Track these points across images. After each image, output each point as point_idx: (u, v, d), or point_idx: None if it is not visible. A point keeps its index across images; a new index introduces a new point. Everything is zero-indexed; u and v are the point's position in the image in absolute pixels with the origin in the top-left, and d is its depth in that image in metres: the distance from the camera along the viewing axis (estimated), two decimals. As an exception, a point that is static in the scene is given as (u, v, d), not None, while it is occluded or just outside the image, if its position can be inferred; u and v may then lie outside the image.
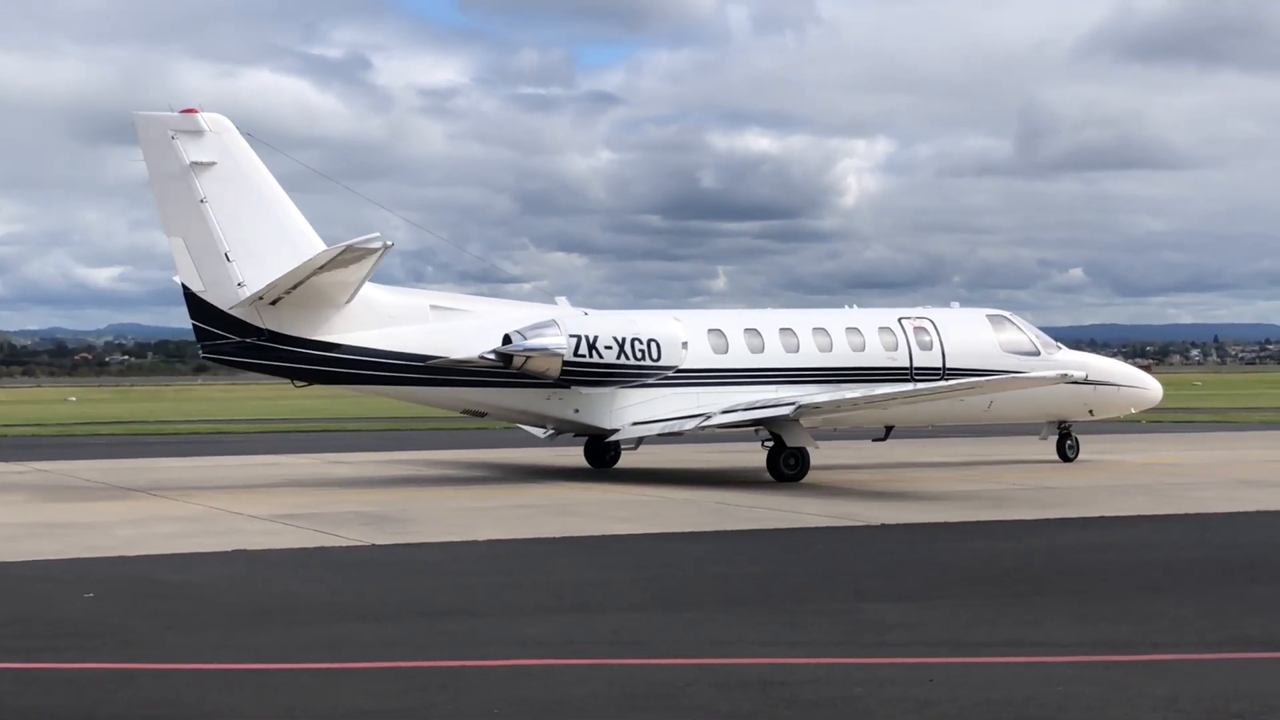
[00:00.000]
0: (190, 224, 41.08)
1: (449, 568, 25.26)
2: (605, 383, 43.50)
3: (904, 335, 46.72)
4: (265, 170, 42.25)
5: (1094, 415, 49.29)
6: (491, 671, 16.60)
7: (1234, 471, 44.42)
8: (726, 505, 35.27)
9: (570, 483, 42.30)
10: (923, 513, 33.24)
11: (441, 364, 42.78)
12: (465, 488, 40.93)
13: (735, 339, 45.30)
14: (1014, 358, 47.04)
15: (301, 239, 41.86)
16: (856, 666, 16.65)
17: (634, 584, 23.20)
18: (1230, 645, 17.62)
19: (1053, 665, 16.65)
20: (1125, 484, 40.52)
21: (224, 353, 42.11)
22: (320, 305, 41.75)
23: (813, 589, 22.37)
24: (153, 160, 41.13)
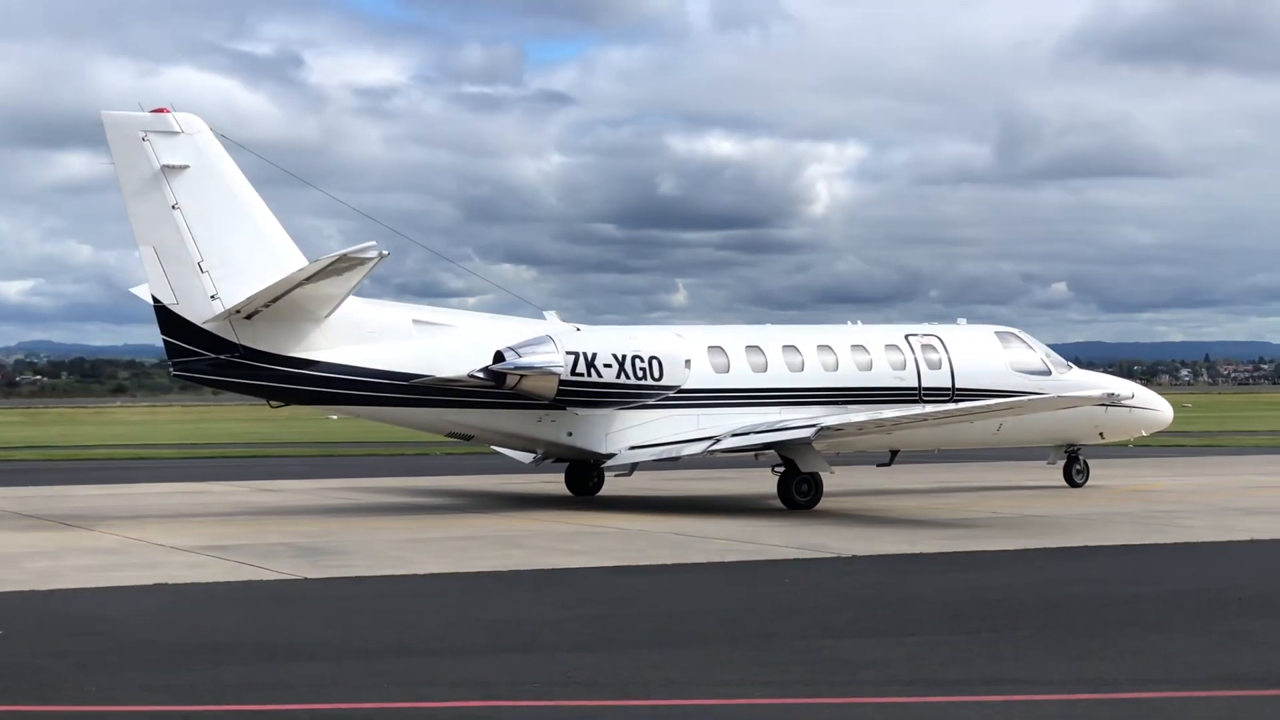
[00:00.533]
0: (161, 231, 40.73)
1: (386, 603, 25.20)
2: (603, 404, 43.26)
3: (912, 354, 46.94)
4: (240, 174, 41.95)
5: (1104, 438, 49.75)
6: (433, 714, 16.58)
7: (1226, 498, 44.72)
8: (685, 536, 35.29)
9: (527, 512, 42.27)
10: (896, 543, 33.33)
11: (427, 383, 42.58)
12: (403, 517, 40.87)
13: (737, 358, 45.27)
14: (1024, 377, 47.51)
15: (280, 248, 41.69)
16: (827, 707, 16.70)
17: (586, 621, 23.19)
18: (1221, 683, 17.74)
19: (1034, 704, 16.73)
20: (1111, 512, 40.74)
21: (196, 371, 41.75)
22: (298, 320, 41.44)
23: (779, 625, 22.41)
24: (122, 163, 40.73)
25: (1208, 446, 67.38)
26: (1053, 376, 47.92)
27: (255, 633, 22.13)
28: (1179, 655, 19.46)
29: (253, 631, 22.26)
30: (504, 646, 20.70)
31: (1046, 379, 47.63)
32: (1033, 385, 46.89)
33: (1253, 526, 36.16)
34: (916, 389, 46.53)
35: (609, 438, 43.64)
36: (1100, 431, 49.08)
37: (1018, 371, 47.74)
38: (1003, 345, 48.48)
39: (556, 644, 20.92)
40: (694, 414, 43.95)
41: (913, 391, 46.41)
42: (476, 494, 49.19)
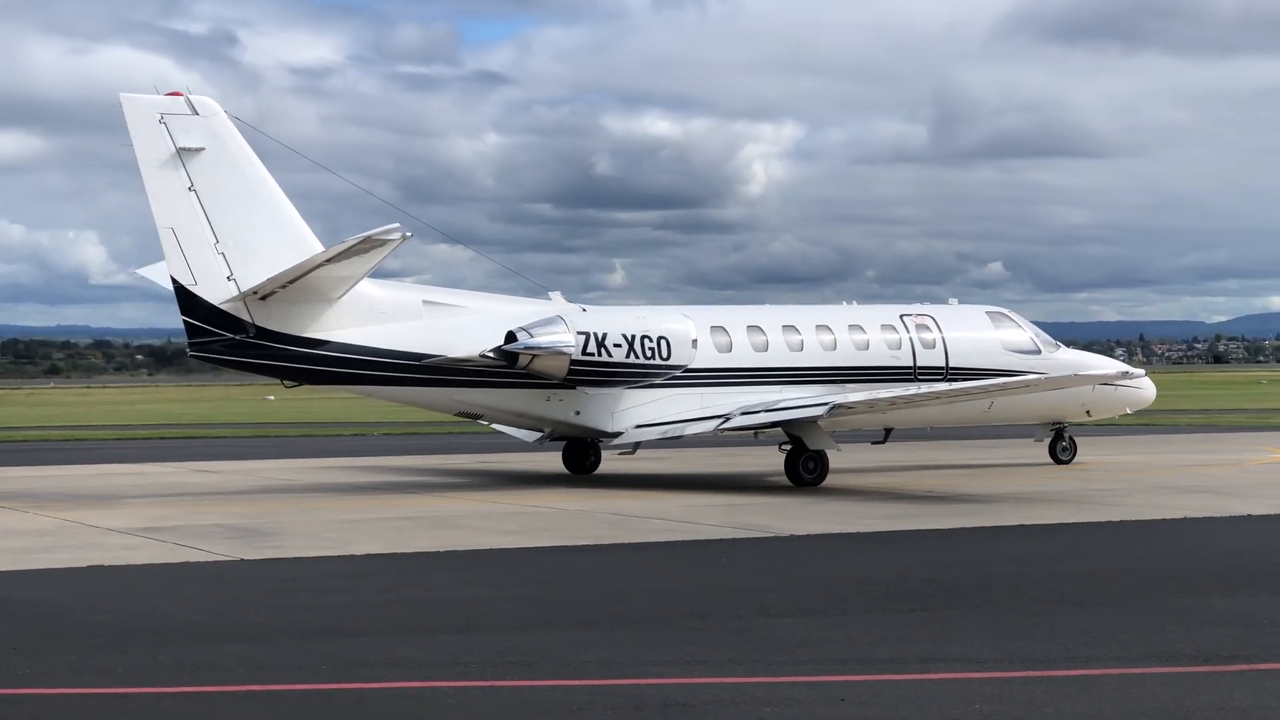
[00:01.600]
0: (179, 213, 41.15)
1: (322, 584, 25.12)
2: (611, 383, 43.82)
3: (907, 334, 47.62)
4: (254, 157, 42.32)
5: (1091, 416, 50.54)
6: (368, 695, 16.54)
7: (1160, 477, 45.03)
8: (622, 517, 35.31)
9: (454, 492, 42.22)
10: (832, 523, 33.44)
11: (439, 363, 43.00)
12: (340, 498, 40.74)
13: (739, 337, 45.85)
14: (1015, 356, 48.28)
15: (293, 229, 42.15)
16: (763, 686, 16.73)
17: (521, 601, 23.18)
18: (1154, 659, 17.86)
19: (969, 682, 16.81)
20: (1047, 490, 40.97)
21: (211, 351, 42.07)
22: (312, 300, 41.87)
23: (715, 605, 22.44)
24: (141, 145, 41.11)
25: (1142, 425, 67.79)
26: (1043, 355, 48.68)
27: (190, 614, 22.01)
28: (1112, 633, 19.58)
29: (188, 613, 22.14)
30: (439, 627, 20.67)
31: (1037, 358, 48.40)
32: (1023, 364, 47.75)
33: (1186, 504, 36.41)
34: (912, 368, 47.22)
35: (615, 416, 44.23)
36: (1087, 410, 49.83)
37: (1009, 351, 48.52)
38: (994, 325, 49.27)
39: (492, 624, 20.90)
40: (698, 393, 44.65)
41: (908, 371, 47.12)
42: (413, 475, 49.06)
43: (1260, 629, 19.78)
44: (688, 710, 15.62)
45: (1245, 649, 18.47)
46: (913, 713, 15.43)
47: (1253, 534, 31.51)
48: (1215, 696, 15.95)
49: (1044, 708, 15.55)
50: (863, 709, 15.63)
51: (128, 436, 77.34)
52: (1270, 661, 17.71)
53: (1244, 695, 16.00)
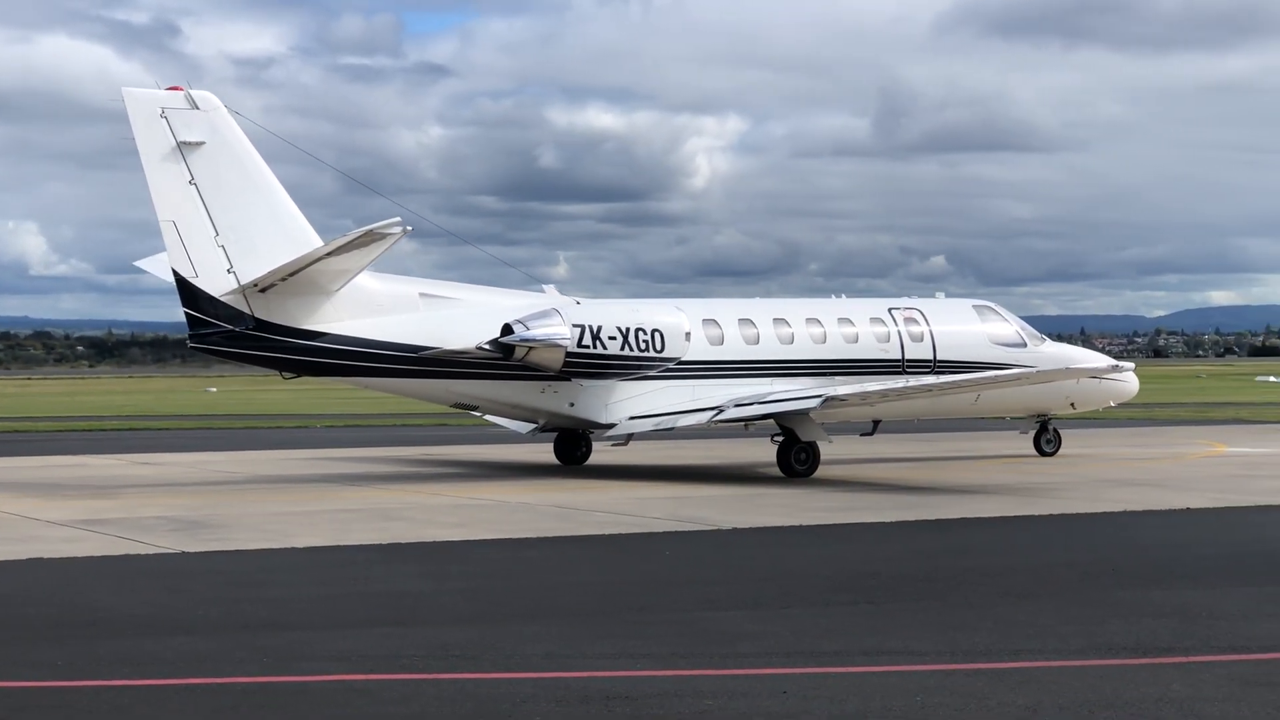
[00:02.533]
0: (180, 206, 41.64)
1: (264, 577, 25.05)
2: (606, 375, 44.33)
3: (895, 327, 48.23)
4: (254, 151, 42.78)
5: (1075, 409, 51.08)
6: (310, 688, 16.51)
7: (1100, 470, 45.30)
8: (566, 509, 35.31)
9: (394, 486, 42.14)
10: (775, 516, 33.52)
11: (435, 355, 43.47)
12: (282, 490, 40.59)
13: (730, 330, 46.33)
14: (1001, 349, 48.99)
15: (292, 223, 42.66)
16: (706, 678, 16.77)
17: (464, 594, 23.17)
18: (1093, 652, 17.99)
19: (910, 674, 16.88)
20: (987, 483, 41.15)
21: (211, 342, 42.67)
22: (311, 293, 42.35)
23: (658, 598, 22.48)
24: (143, 138, 41.60)
25: (1082, 418, 68.11)
26: (1028, 348, 49.40)
27: (132, 607, 21.93)
28: (1052, 626, 19.70)
29: (129, 606, 22.06)
30: (382, 620, 20.63)
31: (1023, 351, 49.13)
32: (1010, 357, 48.49)
33: (1125, 498, 36.65)
34: (900, 361, 47.87)
35: (609, 408, 44.70)
36: (1072, 402, 50.38)
37: (995, 344, 49.23)
38: (980, 318, 49.97)
39: (435, 617, 20.88)
40: (690, 385, 45.15)
41: (896, 363, 47.79)
42: (357, 467, 48.93)
43: (1198, 621, 19.93)
44: (631, 703, 15.64)
45: (1183, 641, 18.62)
46: (855, 705, 15.49)
47: (1191, 527, 31.73)
48: (1154, 688, 16.07)
49: (985, 700, 15.64)
50: (805, 701, 15.68)
51: (68, 428, 76.90)
52: (1208, 653, 17.85)
53: (1182, 687, 16.13)
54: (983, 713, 15.17)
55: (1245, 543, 29.07)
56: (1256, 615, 20.46)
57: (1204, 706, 15.31)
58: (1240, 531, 31.14)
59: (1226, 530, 31.33)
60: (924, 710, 15.27)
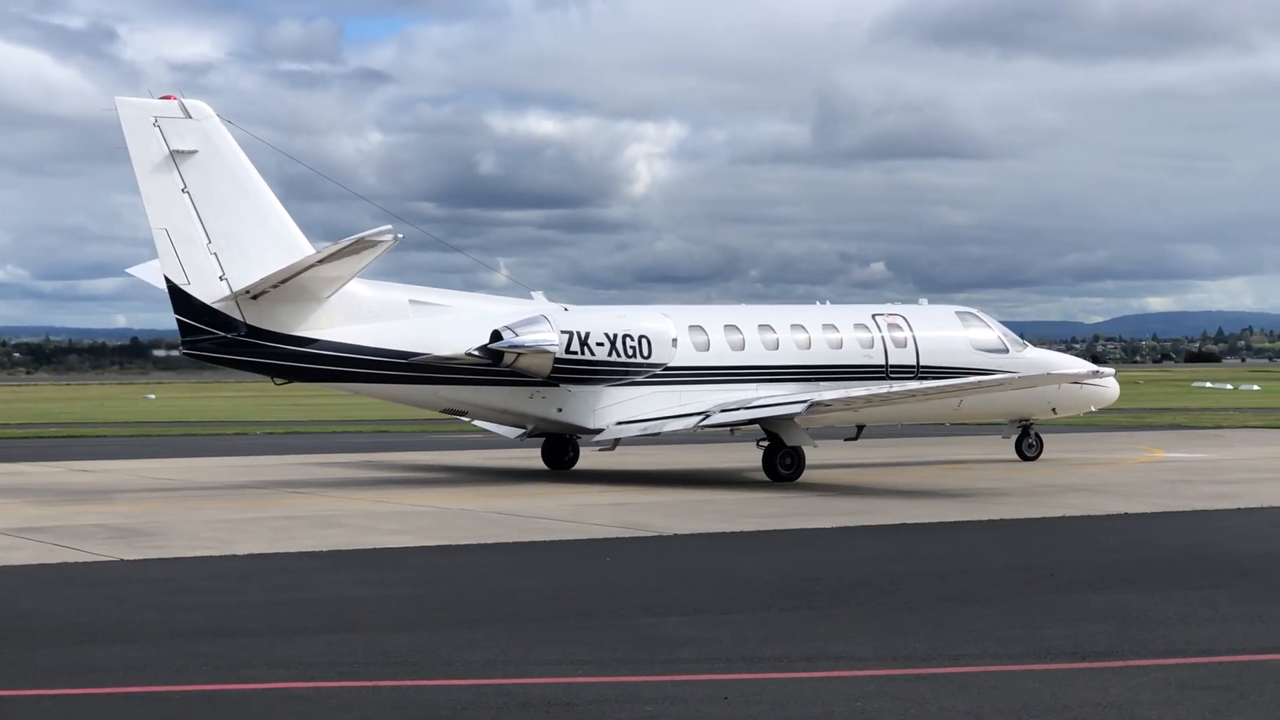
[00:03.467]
0: (173, 214, 42.03)
1: (204, 584, 24.91)
2: (593, 381, 44.71)
3: (879, 333, 48.63)
4: (247, 160, 43.21)
5: (1056, 413, 51.59)
6: (252, 696, 16.44)
7: (1039, 475, 45.50)
8: (507, 516, 35.27)
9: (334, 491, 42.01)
10: (717, 521, 33.55)
11: (425, 361, 43.85)
12: (222, 498, 40.40)
13: (716, 336, 46.79)
14: (984, 355, 49.41)
15: (284, 231, 43.14)
16: (647, 685, 16.78)
17: (405, 601, 23.11)
18: (1033, 656, 18.08)
19: (851, 680, 16.93)
20: (928, 489, 41.29)
21: (204, 349, 43.02)
22: (302, 300, 42.81)
23: (600, 604, 22.47)
24: (136, 147, 42.05)
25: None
26: (1010, 354, 49.81)
27: (69, 615, 21.78)
28: (992, 630, 19.79)
29: (66, 614, 21.90)
30: (323, 627, 20.57)
31: (1005, 356, 49.53)
32: (992, 363, 48.94)
33: (1065, 503, 36.83)
34: (884, 367, 48.25)
35: (597, 413, 45.14)
36: (1053, 408, 50.86)
37: (978, 350, 49.60)
38: (963, 324, 50.32)
39: (376, 624, 20.82)
40: (677, 390, 45.64)
41: (880, 369, 48.17)
42: (297, 474, 48.73)
43: (1136, 625, 20.06)
44: (573, 710, 15.64)
45: (1121, 645, 18.74)
46: (796, 711, 15.53)
47: (1129, 532, 31.91)
48: (1093, 692, 16.17)
49: (926, 705, 15.70)
50: (747, 707, 15.71)
51: (4, 435, 76.30)
52: (1146, 657, 17.97)
53: (1120, 690, 16.23)
54: (924, 717, 15.23)
55: (1182, 547, 29.25)
56: (1194, 619, 20.60)
57: (1142, 710, 15.41)
58: (1178, 536, 31.33)
59: (1164, 535, 31.52)
60: (865, 715, 15.32)
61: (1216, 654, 18.17)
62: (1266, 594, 22.82)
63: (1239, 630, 19.76)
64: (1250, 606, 21.55)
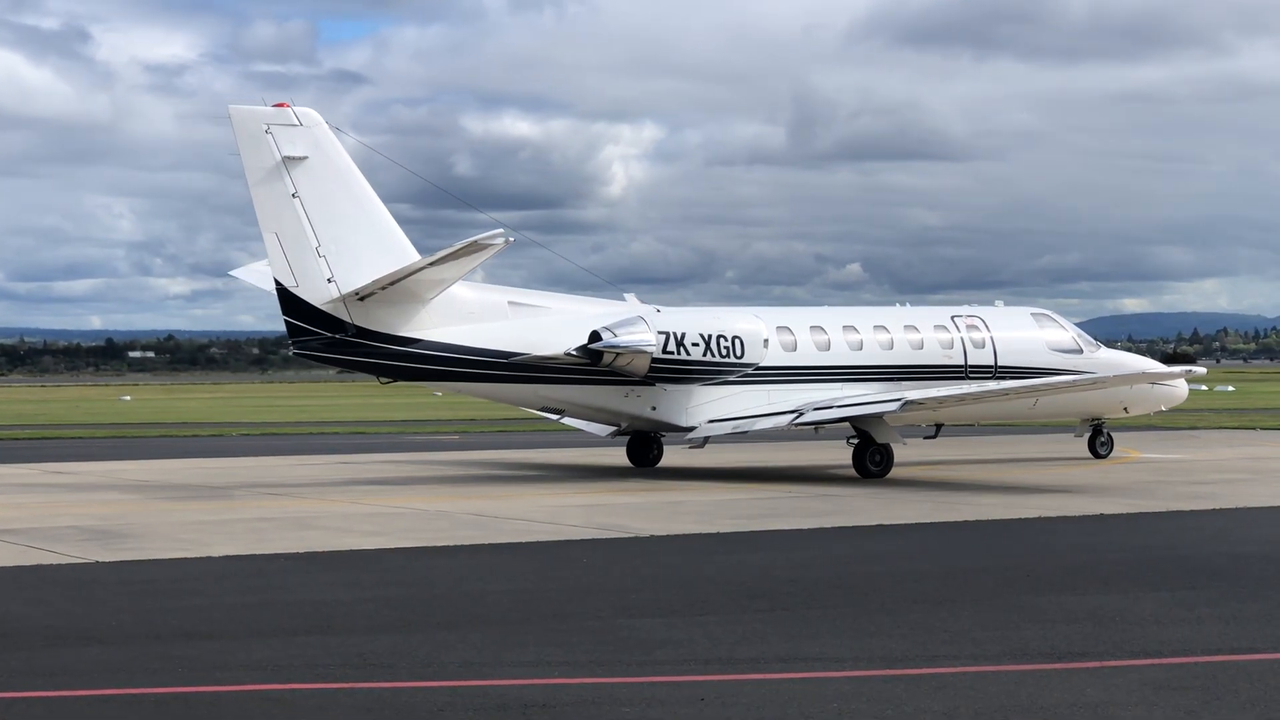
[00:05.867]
0: (283, 219, 43.34)
1: (179, 587, 24.85)
2: (688, 380, 45.85)
3: (958, 334, 49.81)
4: (353, 165, 44.49)
5: (1128, 413, 52.77)
6: (226, 698, 16.39)
7: (1015, 475, 45.59)
8: (483, 517, 35.25)
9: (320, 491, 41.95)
10: (692, 523, 33.56)
11: (525, 361, 45.05)
12: (198, 499, 40.31)
13: (803, 337, 47.91)
14: (1059, 356, 50.63)
15: (389, 234, 44.53)
16: (623, 686, 16.77)
17: (381, 603, 23.06)
18: (1009, 657, 18.10)
19: (827, 681, 16.94)
20: (905, 490, 41.35)
21: (312, 349, 44.26)
22: (407, 301, 44.08)
23: (576, 605, 22.45)
24: (248, 154, 43.40)
25: (997, 425, 68.50)
26: (1084, 355, 51.05)
27: (44, 617, 21.71)
28: (968, 631, 19.81)
29: (41, 616, 21.83)
30: (298, 629, 20.52)
31: (1079, 357, 50.80)
32: (1067, 363, 50.25)
33: (1040, 504, 36.89)
34: (963, 367, 49.46)
35: (689, 412, 46.33)
36: (1125, 407, 51.93)
37: (1053, 350, 50.87)
38: (1038, 325, 51.60)
39: (352, 626, 20.78)
40: (765, 390, 46.83)
41: (959, 369, 49.43)
42: (273, 476, 48.65)
43: (1111, 626, 20.09)
44: (549, 711, 15.62)
45: (1097, 646, 18.77)
46: (772, 712, 15.52)
47: (1105, 533, 31.97)
48: (1068, 693, 16.19)
49: (902, 706, 15.71)
50: (723, 709, 15.70)
51: (-21, 437, 76.01)
52: (1121, 658, 18.00)
53: (1096, 691, 16.25)
54: (899, 718, 15.23)
55: (1158, 548, 29.32)
56: (1169, 620, 20.64)
57: (1118, 711, 15.43)
58: (1153, 537, 31.43)
59: (1140, 536, 31.61)
60: (841, 716, 15.32)
61: (1191, 654, 18.21)
62: (1240, 595, 22.88)
63: (1213, 631, 19.81)
64: (1224, 607, 21.61)
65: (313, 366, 48.96)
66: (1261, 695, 16.06)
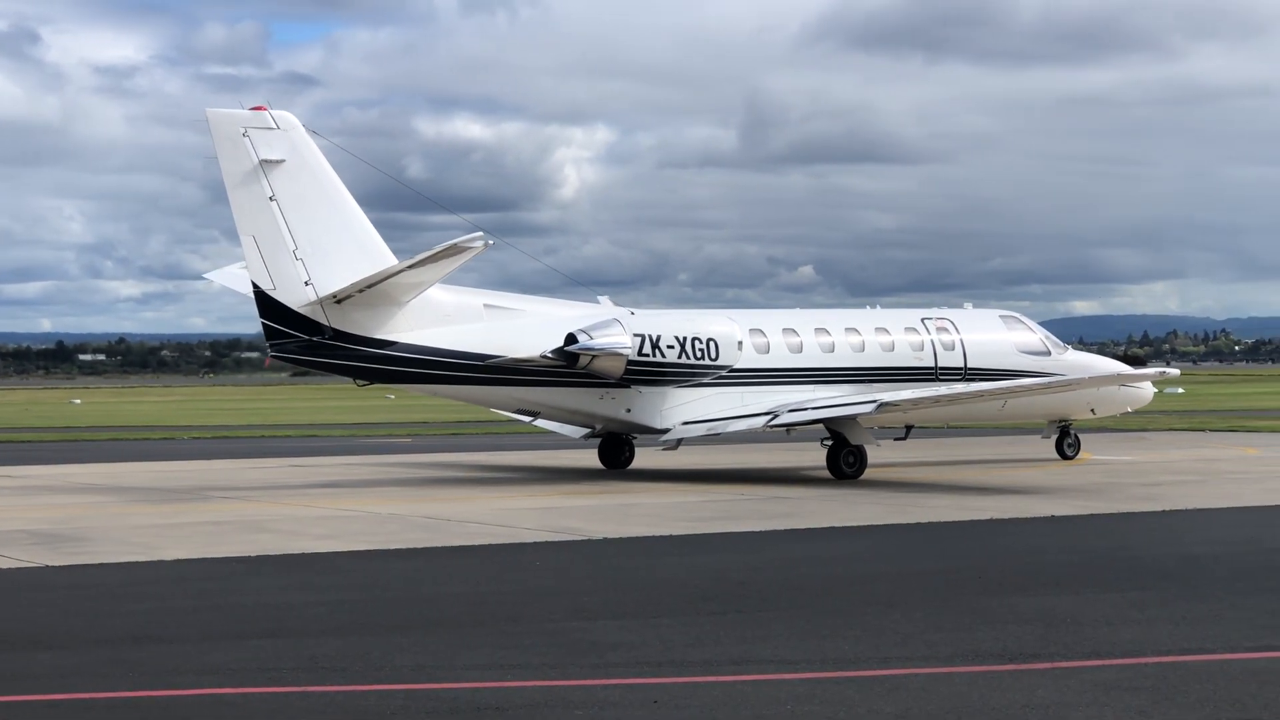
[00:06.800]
0: (260, 221, 43.30)
1: (131, 590, 24.75)
2: (663, 382, 46.02)
3: (929, 336, 50.11)
4: (330, 168, 44.50)
5: (1095, 414, 53.27)
6: (179, 702, 16.33)
7: (966, 478, 45.73)
8: (436, 521, 35.18)
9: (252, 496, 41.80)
10: (645, 525, 33.57)
11: (501, 363, 45.13)
12: (149, 503, 40.12)
13: (776, 339, 48.05)
14: (1028, 358, 51.07)
15: (366, 237, 44.50)
16: (577, 689, 16.76)
17: (333, 606, 23.00)
18: (961, 658, 18.16)
19: (780, 683, 16.97)
20: (860, 492, 41.43)
21: (289, 352, 44.27)
22: (384, 304, 44.11)
23: (529, 608, 22.43)
24: (226, 157, 43.38)
25: (949, 427, 68.72)
26: (1053, 356, 51.53)
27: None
28: (920, 633, 19.87)
29: (-9, 621, 21.69)
30: (251, 632, 20.45)
31: (1047, 359, 51.29)
32: (1036, 365, 50.73)
33: (991, 506, 37.01)
34: (933, 368, 49.80)
35: (663, 414, 46.52)
36: (1092, 409, 52.40)
37: (1021, 352, 51.27)
38: (1007, 327, 52.01)
39: (304, 629, 20.72)
40: (738, 391, 47.05)
41: (930, 371, 49.78)
42: (224, 478, 48.46)
43: (1062, 626, 20.18)
44: (502, 713, 15.61)
45: (1048, 647, 18.85)
46: (725, 714, 15.54)
47: (1055, 534, 32.12)
48: (1020, 694, 16.26)
49: (855, 708, 15.74)
50: (676, 711, 15.72)
51: (-72, 441, 75.54)
52: (1072, 659, 18.08)
53: (1047, 692, 16.32)
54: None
55: (1108, 550, 29.45)
56: (1119, 621, 20.74)
57: (1069, 711, 15.50)
58: (1104, 539, 31.57)
59: (1091, 537, 31.75)
60: (794, 718, 15.35)
61: (1142, 655, 18.30)
62: (1190, 596, 23.00)
63: (1163, 632, 19.91)
64: (1174, 608, 21.72)
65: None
66: (1211, 695, 16.16)
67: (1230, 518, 35.10)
